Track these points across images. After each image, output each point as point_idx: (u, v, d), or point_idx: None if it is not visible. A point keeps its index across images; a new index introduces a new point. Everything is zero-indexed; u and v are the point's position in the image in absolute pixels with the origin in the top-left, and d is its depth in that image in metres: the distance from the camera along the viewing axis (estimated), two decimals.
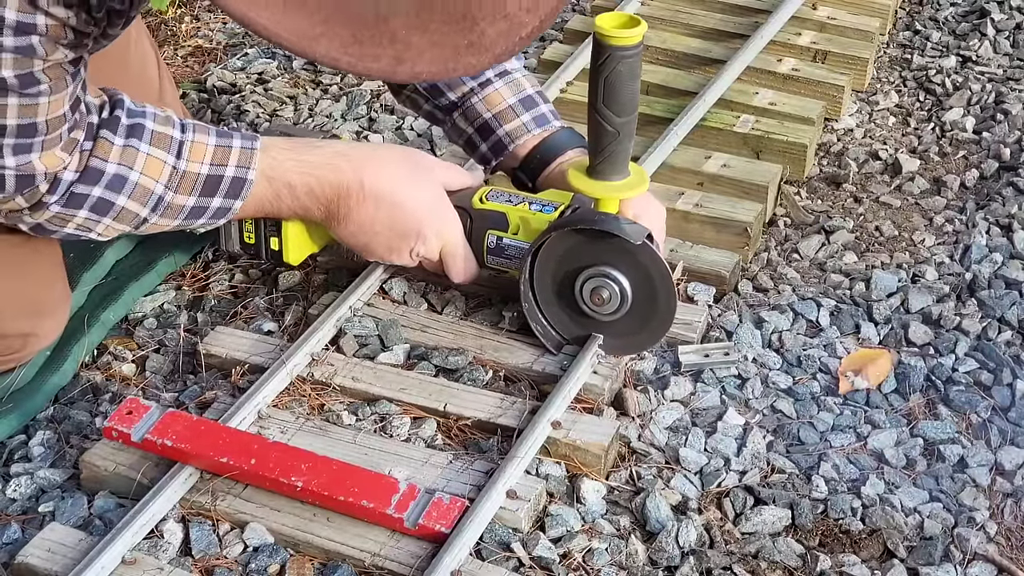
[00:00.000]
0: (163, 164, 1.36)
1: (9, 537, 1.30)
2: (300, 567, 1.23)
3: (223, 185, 1.40)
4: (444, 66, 1.00)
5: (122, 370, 1.55)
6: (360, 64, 0.98)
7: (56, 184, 1.32)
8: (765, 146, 1.88)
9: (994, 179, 1.93)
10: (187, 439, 1.29)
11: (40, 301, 1.50)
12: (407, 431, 1.37)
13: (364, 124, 2.12)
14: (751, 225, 1.70)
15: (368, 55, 0.98)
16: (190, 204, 1.40)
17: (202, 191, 1.39)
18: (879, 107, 2.14)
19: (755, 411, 1.46)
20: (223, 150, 1.39)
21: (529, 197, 1.49)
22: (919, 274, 1.69)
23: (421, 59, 0.99)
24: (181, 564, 1.23)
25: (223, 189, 1.40)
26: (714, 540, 1.29)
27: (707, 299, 1.59)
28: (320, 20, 0.96)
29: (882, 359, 1.52)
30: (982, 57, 2.25)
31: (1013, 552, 1.30)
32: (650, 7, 2.25)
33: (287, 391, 1.42)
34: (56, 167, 1.30)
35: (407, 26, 0.97)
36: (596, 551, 1.25)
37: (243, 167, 1.40)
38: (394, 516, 1.22)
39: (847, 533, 1.31)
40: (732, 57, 2.02)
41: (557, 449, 1.34)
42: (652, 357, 1.49)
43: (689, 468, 1.37)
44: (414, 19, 0.97)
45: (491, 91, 1.59)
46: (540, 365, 1.44)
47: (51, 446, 1.44)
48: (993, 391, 1.49)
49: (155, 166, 1.35)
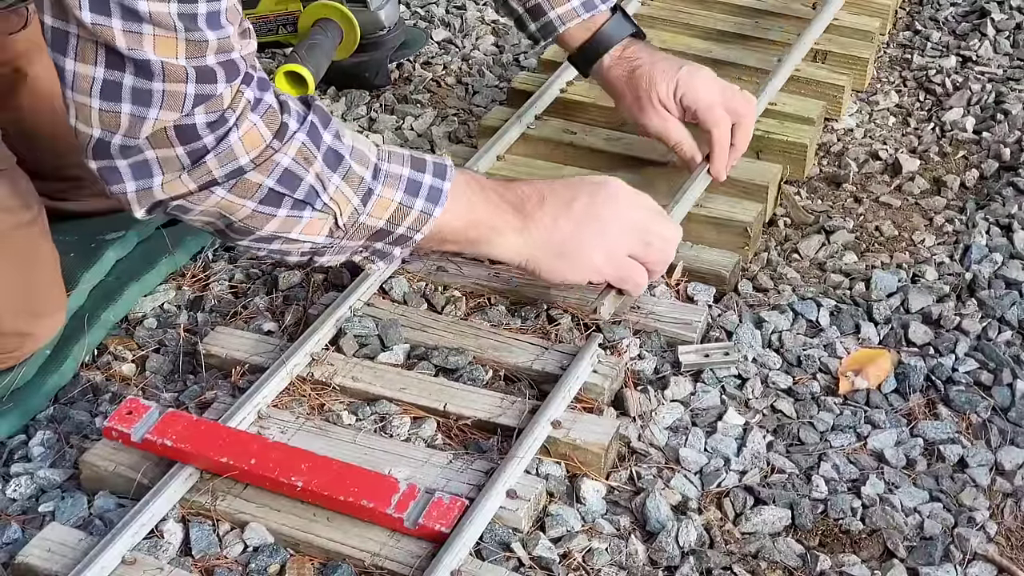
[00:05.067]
0: (368, 141, 1.34)
1: (9, 537, 1.30)
2: (300, 567, 1.23)
3: (428, 167, 1.36)
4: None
5: (122, 370, 1.56)
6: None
7: (287, 108, 1.25)
8: (765, 146, 1.88)
9: (994, 179, 1.93)
10: (187, 439, 1.29)
11: (38, 302, 1.50)
12: (407, 431, 1.37)
13: (364, 124, 2.12)
14: (751, 225, 1.70)
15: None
16: (405, 175, 1.33)
17: (412, 166, 1.35)
18: (879, 107, 2.13)
19: (755, 411, 1.46)
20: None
21: None
22: (919, 274, 1.69)
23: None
24: (181, 564, 1.23)
25: (429, 169, 1.36)
26: (714, 540, 1.29)
27: (707, 299, 1.59)
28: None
29: (882, 359, 1.52)
30: (982, 57, 2.25)
31: (1013, 552, 1.30)
32: (650, 7, 2.25)
33: (287, 391, 1.42)
34: (251, 53, 1.23)
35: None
36: (596, 551, 1.25)
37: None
38: (394, 516, 1.22)
39: (847, 533, 1.31)
40: (776, 68, 2.00)
41: (557, 449, 1.34)
42: (652, 357, 1.49)
43: (689, 468, 1.37)
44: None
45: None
46: (540, 364, 1.44)
47: (51, 446, 1.44)
48: (993, 391, 1.49)
49: (359, 138, 1.33)
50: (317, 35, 2.02)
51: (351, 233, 1.32)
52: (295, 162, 1.25)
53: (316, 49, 1.98)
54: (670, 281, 1.61)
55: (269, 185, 1.25)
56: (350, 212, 1.30)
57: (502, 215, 1.40)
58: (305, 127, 1.26)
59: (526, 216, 1.41)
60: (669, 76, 1.67)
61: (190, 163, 1.21)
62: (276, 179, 1.25)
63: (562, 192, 1.43)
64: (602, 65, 1.70)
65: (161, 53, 1.14)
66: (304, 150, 1.25)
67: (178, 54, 1.15)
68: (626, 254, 1.45)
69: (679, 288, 1.61)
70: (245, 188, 1.24)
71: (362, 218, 1.32)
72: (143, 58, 1.14)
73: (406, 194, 1.33)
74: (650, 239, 1.46)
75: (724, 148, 1.68)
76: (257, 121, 1.22)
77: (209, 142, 1.20)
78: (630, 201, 1.46)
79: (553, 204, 1.42)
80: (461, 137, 2.07)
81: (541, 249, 1.42)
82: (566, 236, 1.42)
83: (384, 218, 1.33)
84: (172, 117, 1.18)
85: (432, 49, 2.35)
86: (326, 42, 2.02)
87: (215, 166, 1.22)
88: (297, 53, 1.96)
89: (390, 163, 1.33)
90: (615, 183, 1.46)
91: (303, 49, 1.97)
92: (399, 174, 1.33)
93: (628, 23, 1.71)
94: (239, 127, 1.21)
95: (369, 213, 1.32)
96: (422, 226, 1.35)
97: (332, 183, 1.28)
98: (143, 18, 1.12)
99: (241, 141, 1.21)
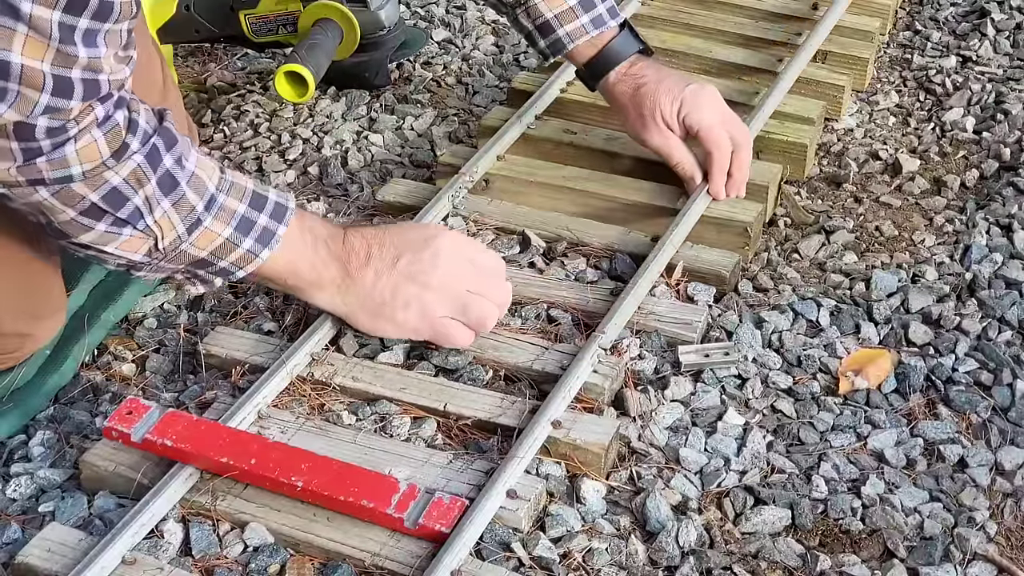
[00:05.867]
0: (213, 168, 1.34)
1: (9, 537, 1.30)
2: (300, 567, 1.23)
3: (267, 206, 1.37)
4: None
5: (122, 370, 1.56)
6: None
7: (135, 127, 1.26)
8: (765, 146, 1.88)
9: (994, 179, 1.93)
10: (187, 439, 1.29)
11: (39, 303, 1.50)
12: (407, 431, 1.37)
13: (364, 124, 2.12)
14: (751, 225, 1.70)
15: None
16: (240, 211, 1.35)
17: (250, 203, 1.35)
18: (879, 107, 2.14)
19: (755, 411, 1.46)
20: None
21: None
22: (919, 274, 1.69)
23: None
24: (181, 564, 1.23)
25: (268, 209, 1.37)
26: (714, 540, 1.29)
27: (707, 299, 1.59)
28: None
29: (882, 359, 1.52)
30: (982, 57, 2.25)
31: (1013, 552, 1.30)
32: (650, 7, 2.25)
33: (287, 391, 1.42)
34: (121, 80, 1.22)
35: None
36: (596, 551, 1.25)
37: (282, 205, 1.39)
38: (394, 516, 1.22)
39: (847, 533, 1.31)
40: (783, 69, 2.00)
41: (557, 449, 1.34)
42: (652, 357, 1.49)
43: (689, 468, 1.37)
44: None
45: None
46: (540, 364, 1.44)
47: (51, 446, 1.44)
48: (993, 391, 1.49)
49: (205, 164, 1.33)
50: (317, 35, 2.02)
51: (171, 257, 1.33)
52: (125, 183, 1.25)
53: (316, 49, 1.98)
54: (670, 281, 1.61)
55: (93, 200, 1.25)
56: (173, 238, 1.31)
57: (326, 269, 1.42)
58: (145, 149, 1.26)
59: (348, 274, 1.42)
60: (674, 94, 1.69)
61: (22, 159, 1.20)
62: (101, 195, 1.25)
63: (389, 249, 1.43)
64: (608, 81, 1.73)
65: (27, 55, 1.13)
66: (138, 172, 1.26)
67: (44, 59, 1.14)
68: (442, 315, 1.44)
69: (679, 288, 1.61)
70: (69, 197, 1.24)
71: (184, 245, 1.32)
72: (4, 58, 1.13)
73: (236, 231, 1.34)
74: (468, 302, 1.44)
75: (723, 168, 1.70)
76: (99, 137, 1.22)
77: (45, 146, 1.20)
78: (456, 259, 1.45)
79: (378, 261, 1.42)
80: (461, 137, 2.07)
81: (359, 307, 1.44)
82: (385, 297, 1.43)
83: (208, 249, 1.34)
84: (16, 117, 1.17)
85: (432, 49, 2.35)
86: (326, 42, 2.01)
87: (45, 168, 1.21)
88: (297, 53, 1.96)
89: (228, 195, 1.34)
90: (445, 239, 1.45)
91: (303, 49, 1.97)
92: (234, 209, 1.34)
93: (635, 40, 1.73)
94: (77, 140, 1.21)
95: (192, 242, 1.32)
96: (246, 265, 1.36)
97: (160, 207, 1.28)
98: (21, 17, 1.11)
99: (77, 153, 1.21)
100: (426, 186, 1.82)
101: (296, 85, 1.94)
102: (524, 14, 1.71)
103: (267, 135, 2.10)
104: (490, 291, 1.46)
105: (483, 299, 1.45)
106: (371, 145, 2.05)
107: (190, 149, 1.32)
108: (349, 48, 2.09)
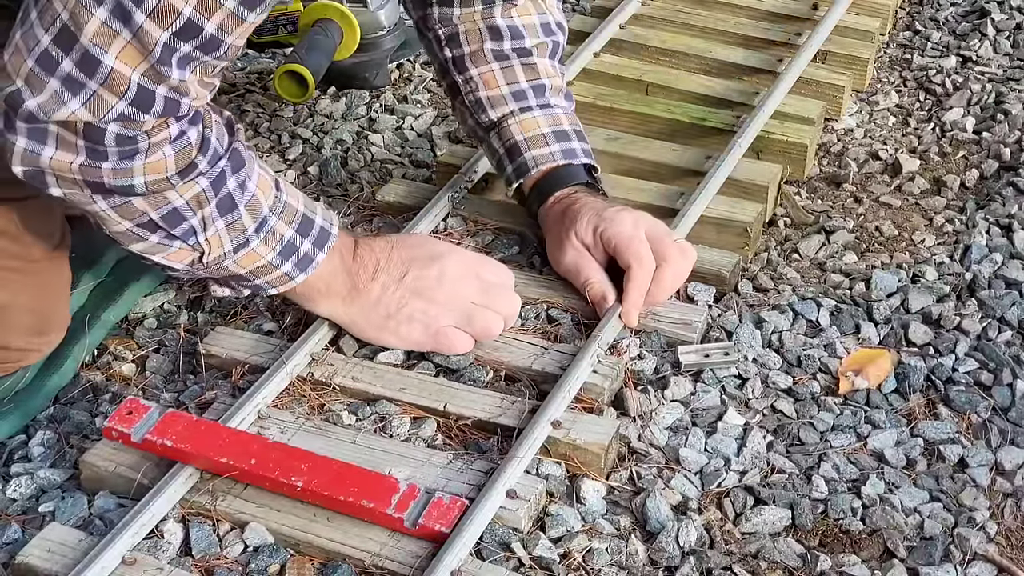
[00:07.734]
0: (270, 187, 1.35)
1: (9, 537, 1.30)
2: (300, 567, 1.23)
3: (313, 231, 1.38)
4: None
5: (122, 370, 1.56)
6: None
7: (206, 146, 1.26)
8: (765, 146, 1.88)
9: (994, 179, 1.93)
10: (187, 439, 1.29)
11: (48, 321, 1.50)
12: (407, 431, 1.37)
13: (364, 124, 2.12)
14: (751, 225, 1.70)
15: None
16: (287, 236, 1.36)
17: (298, 228, 1.37)
18: (879, 107, 2.14)
19: (755, 411, 1.46)
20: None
21: None
22: (919, 274, 1.69)
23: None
24: (181, 564, 1.23)
25: (312, 235, 1.38)
26: (714, 540, 1.29)
27: (707, 299, 1.59)
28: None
29: (882, 359, 1.52)
30: (982, 57, 2.25)
31: (1013, 552, 1.30)
32: (650, 7, 2.25)
33: (287, 391, 1.42)
34: (201, 104, 1.23)
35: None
36: (596, 551, 1.25)
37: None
38: (394, 516, 1.22)
39: (847, 533, 1.31)
40: (784, 69, 2.00)
41: (557, 449, 1.34)
42: (652, 357, 1.49)
43: (689, 468, 1.37)
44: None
45: (528, 117, 1.61)
46: (540, 364, 1.44)
47: (51, 446, 1.44)
48: (993, 391, 1.49)
49: (264, 183, 1.35)
50: (317, 35, 2.02)
51: (211, 270, 1.35)
52: (187, 205, 1.28)
53: (316, 49, 1.98)
54: None
55: (152, 217, 1.27)
56: (219, 255, 1.33)
57: (337, 280, 1.42)
58: (213, 173, 1.28)
59: (355, 287, 1.43)
60: (594, 211, 1.53)
61: (86, 157, 1.20)
62: (161, 215, 1.27)
63: (397, 264, 1.43)
64: (545, 204, 1.59)
65: (121, 59, 1.14)
66: (201, 196, 1.28)
67: (136, 68, 1.15)
68: (446, 326, 1.44)
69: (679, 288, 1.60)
70: (128, 211, 1.26)
71: (227, 262, 1.34)
72: (96, 55, 1.13)
73: (279, 255, 1.36)
74: (472, 313, 1.45)
75: (641, 287, 1.49)
76: (169, 155, 1.23)
77: (112, 152, 1.20)
78: (462, 275, 1.45)
79: (385, 275, 1.43)
80: (461, 137, 2.07)
81: (362, 318, 1.45)
82: (390, 311, 1.43)
83: (248, 268, 1.36)
84: (87, 118, 1.17)
85: None
86: (326, 42, 2.02)
87: (108, 175, 1.22)
88: (297, 53, 1.96)
89: (279, 218, 1.35)
90: (453, 257, 1.46)
91: (303, 49, 1.97)
92: (282, 234, 1.36)
93: (588, 175, 1.61)
94: (148, 155, 1.22)
95: (236, 260, 1.34)
96: (280, 285, 1.39)
97: (214, 226, 1.30)
98: (130, 25, 1.12)
99: (144, 167, 1.22)
100: (426, 186, 1.82)
101: (296, 85, 1.94)
102: (496, 137, 1.62)
103: (267, 135, 2.10)
104: (496, 303, 1.46)
105: (487, 310, 1.45)
106: (371, 145, 2.05)
107: (254, 166, 1.33)
108: (349, 48, 2.09)
